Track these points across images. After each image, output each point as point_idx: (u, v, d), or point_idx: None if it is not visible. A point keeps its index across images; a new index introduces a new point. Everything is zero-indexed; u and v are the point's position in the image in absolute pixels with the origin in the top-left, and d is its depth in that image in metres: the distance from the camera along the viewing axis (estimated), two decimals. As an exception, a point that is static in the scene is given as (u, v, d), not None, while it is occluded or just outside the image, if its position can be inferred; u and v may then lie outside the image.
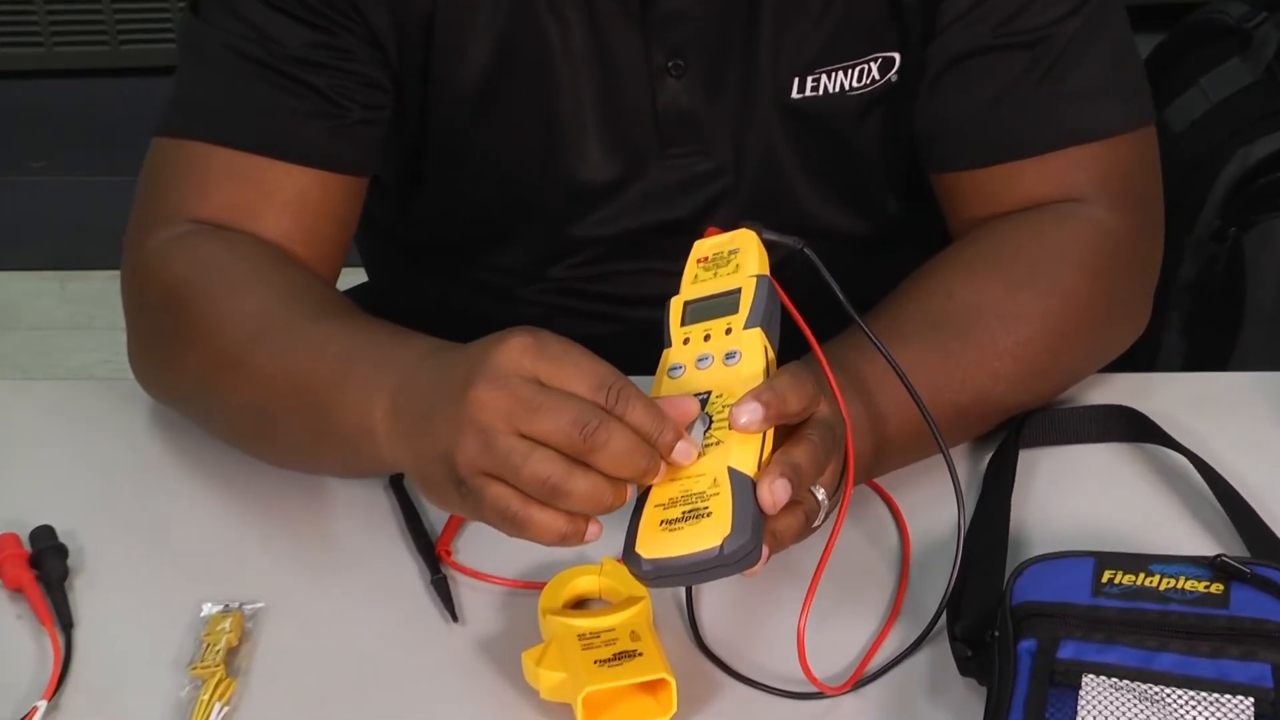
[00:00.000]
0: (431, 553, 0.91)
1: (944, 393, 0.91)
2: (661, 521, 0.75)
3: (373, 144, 1.03)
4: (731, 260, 0.83)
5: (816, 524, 0.81)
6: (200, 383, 0.96)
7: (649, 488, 0.77)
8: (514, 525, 0.76)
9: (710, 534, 0.73)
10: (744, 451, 0.76)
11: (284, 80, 0.99)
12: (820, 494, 0.80)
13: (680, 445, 0.76)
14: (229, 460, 0.97)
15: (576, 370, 0.76)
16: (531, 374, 0.76)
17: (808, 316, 0.82)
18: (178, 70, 1.03)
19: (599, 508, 0.76)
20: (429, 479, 0.80)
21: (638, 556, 0.75)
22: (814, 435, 0.79)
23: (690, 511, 0.75)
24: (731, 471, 0.75)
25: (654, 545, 0.75)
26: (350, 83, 1.00)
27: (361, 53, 1.00)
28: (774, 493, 0.75)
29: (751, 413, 0.76)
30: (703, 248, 0.85)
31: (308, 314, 0.93)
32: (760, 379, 0.78)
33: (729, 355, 0.80)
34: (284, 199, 0.99)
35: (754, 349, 0.79)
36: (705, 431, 0.77)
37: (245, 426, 0.95)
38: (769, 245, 0.84)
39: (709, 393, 0.79)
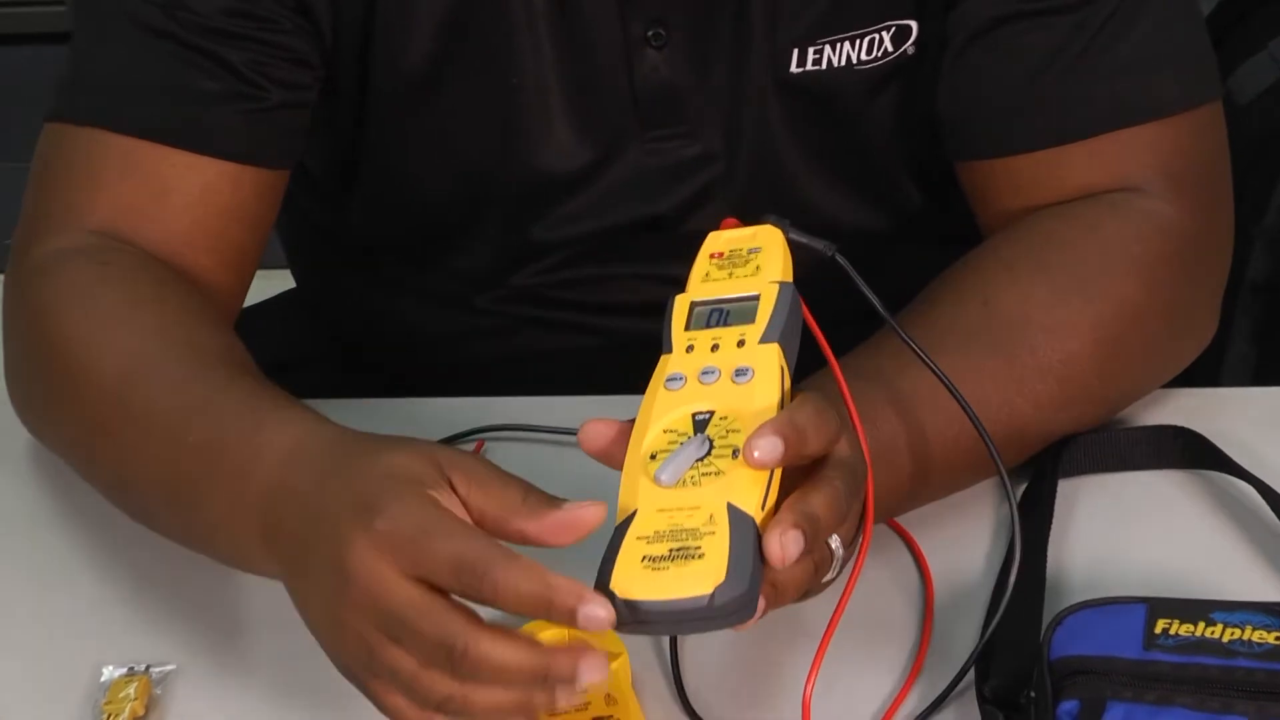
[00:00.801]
0: (371, 605, 0.93)
1: (980, 415, 0.92)
2: (644, 557, 0.75)
3: (293, 132, 1.04)
4: (751, 260, 0.84)
5: (828, 578, 0.81)
6: (69, 445, 0.97)
7: (632, 514, 0.77)
8: None
9: (701, 579, 0.73)
10: (748, 488, 0.76)
11: (193, 55, 0.99)
12: (835, 543, 0.80)
13: (585, 611, 0.71)
14: (133, 500, 0.99)
15: (432, 557, 0.73)
16: (394, 568, 0.73)
17: (822, 328, 0.82)
18: (71, 41, 1.04)
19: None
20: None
21: (612, 595, 0.74)
22: (836, 480, 0.78)
23: (679, 550, 0.74)
24: (731, 509, 0.75)
25: (632, 584, 0.74)
26: (271, 58, 1.01)
27: (286, 22, 1.01)
28: (785, 546, 0.74)
29: (769, 449, 0.75)
30: (718, 240, 0.85)
31: (169, 382, 0.91)
32: (773, 405, 0.79)
33: (739, 372, 0.80)
34: (186, 198, 1.00)
35: (769, 368, 0.80)
36: (702, 460, 0.78)
37: (122, 505, 0.96)
38: (794, 248, 0.84)
39: (711, 412, 0.79)
